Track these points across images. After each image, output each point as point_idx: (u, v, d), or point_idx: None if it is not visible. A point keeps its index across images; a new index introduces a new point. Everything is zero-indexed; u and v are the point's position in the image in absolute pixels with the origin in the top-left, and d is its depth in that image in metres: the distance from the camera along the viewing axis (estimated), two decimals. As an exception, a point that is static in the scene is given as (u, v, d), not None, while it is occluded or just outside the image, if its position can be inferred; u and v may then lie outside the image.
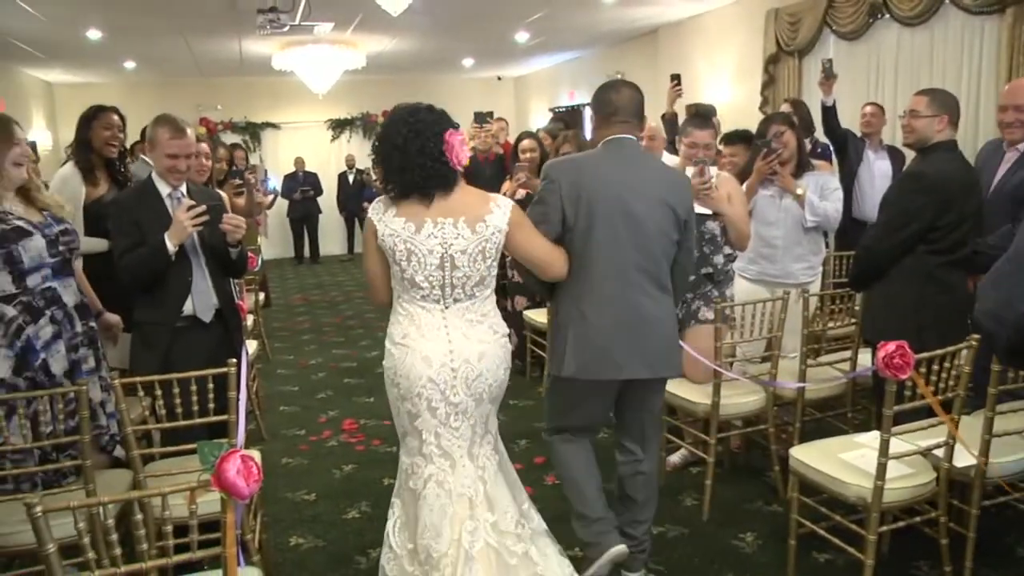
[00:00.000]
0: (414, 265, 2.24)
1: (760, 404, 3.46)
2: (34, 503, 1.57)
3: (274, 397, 5.36)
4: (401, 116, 2.28)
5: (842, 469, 2.66)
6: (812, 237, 3.86)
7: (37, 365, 2.64)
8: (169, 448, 2.65)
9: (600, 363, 2.47)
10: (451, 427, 2.28)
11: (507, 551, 2.26)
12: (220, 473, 1.69)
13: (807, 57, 6.99)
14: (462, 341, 2.26)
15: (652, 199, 2.50)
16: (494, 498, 2.31)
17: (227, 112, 12.73)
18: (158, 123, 3.04)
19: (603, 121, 2.58)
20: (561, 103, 12.09)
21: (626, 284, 2.48)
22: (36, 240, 2.65)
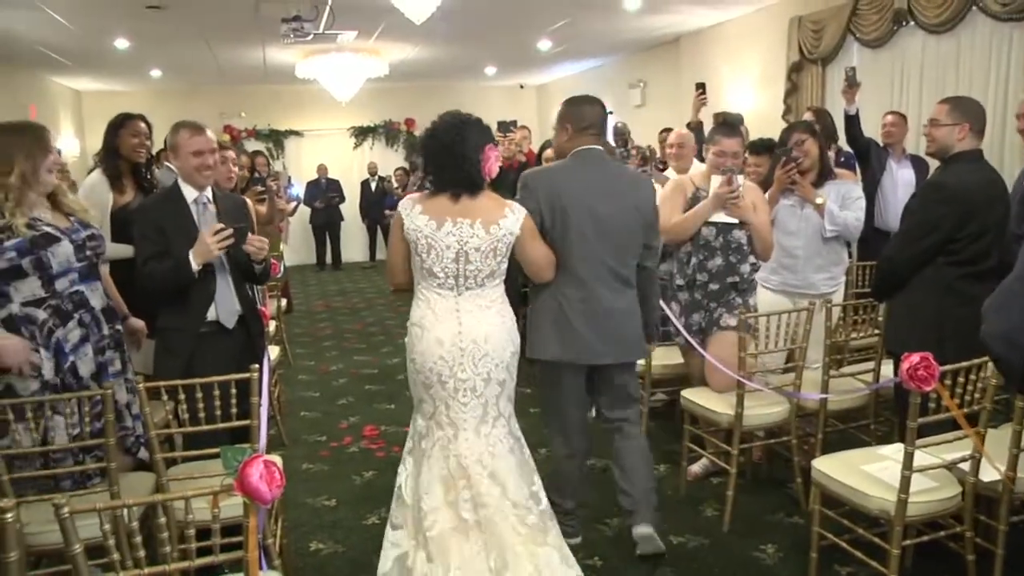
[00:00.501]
0: (433, 257, 2.56)
1: (783, 415, 3.43)
2: (62, 504, 1.60)
3: (295, 403, 5.39)
4: (455, 121, 2.60)
5: (865, 481, 2.64)
6: (833, 247, 3.83)
7: (66, 367, 2.69)
8: (192, 452, 2.69)
9: (574, 348, 2.85)
10: (459, 401, 2.56)
11: (522, 520, 2.48)
12: (243, 478, 1.71)
13: (831, 65, 6.95)
14: (472, 324, 2.56)
15: (619, 203, 2.85)
16: (503, 474, 2.52)
17: (251, 119, 12.88)
18: (176, 128, 3.08)
19: (577, 133, 2.91)
20: (583, 111, 12.09)
21: (596, 279, 2.84)
22: (64, 245, 2.70)
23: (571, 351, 2.86)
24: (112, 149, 3.73)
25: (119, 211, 3.65)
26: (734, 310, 3.46)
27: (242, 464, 1.72)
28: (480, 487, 2.48)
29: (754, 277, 3.59)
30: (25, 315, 2.63)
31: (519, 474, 2.57)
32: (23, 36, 7.63)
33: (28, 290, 2.64)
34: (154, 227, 3.00)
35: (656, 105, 9.93)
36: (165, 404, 2.63)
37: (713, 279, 3.55)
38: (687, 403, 3.61)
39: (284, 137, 13.15)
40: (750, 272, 3.54)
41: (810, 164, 3.82)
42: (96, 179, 3.74)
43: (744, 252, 3.50)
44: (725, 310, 3.53)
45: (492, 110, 12.97)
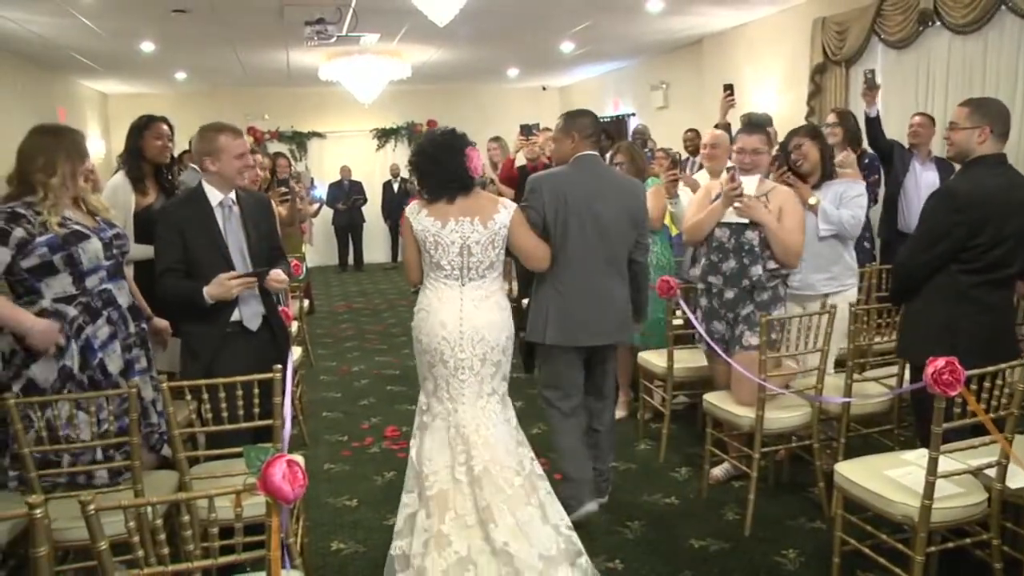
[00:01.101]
0: (440, 252, 2.91)
1: (805, 419, 3.41)
2: (88, 501, 1.63)
3: (317, 403, 5.43)
4: (435, 136, 2.98)
5: (888, 487, 2.61)
6: (832, 247, 3.76)
7: (95, 364, 2.74)
8: (214, 451, 2.72)
9: (574, 332, 3.23)
10: (459, 378, 2.90)
11: (508, 479, 2.79)
12: (266, 477, 1.72)
13: (855, 66, 6.88)
14: (472, 311, 2.91)
15: (613, 204, 3.24)
16: (494, 441, 2.86)
17: (274, 121, 12.99)
18: (218, 131, 3.06)
19: (581, 141, 3.31)
20: (606, 113, 12.06)
21: (593, 271, 3.22)
22: (93, 243, 2.75)
23: (570, 335, 3.24)
24: (135, 151, 3.77)
25: (142, 212, 3.70)
26: (755, 327, 3.39)
27: (265, 464, 1.74)
28: (474, 451, 2.82)
29: (776, 284, 3.50)
30: (56, 311, 2.68)
31: (509, 443, 2.91)
32: (53, 40, 7.77)
33: (59, 286, 2.70)
34: (175, 230, 2.99)
35: (679, 107, 9.89)
36: (188, 403, 2.66)
37: (727, 283, 3.52)
38: (709, 407, 3.60)
39: (307, 139, 13.24)
40: (767, 277, 3.46)
41: (810, 167, 3.80)
42: (119, 181, 3.77)
43: (756, 254, 3.45)
44: (746, 327, 3.47)
45: (514, 112, 13.08)
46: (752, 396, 3.33)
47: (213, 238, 3.02)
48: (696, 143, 7.03)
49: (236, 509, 1.83)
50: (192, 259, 2.99)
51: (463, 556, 2.67)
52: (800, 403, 3.42)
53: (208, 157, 3.05)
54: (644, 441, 4.44)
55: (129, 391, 2.52)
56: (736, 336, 3.51)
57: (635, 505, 3.66)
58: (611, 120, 11.61)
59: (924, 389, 2.39)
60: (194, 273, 2.98)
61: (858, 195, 3.78)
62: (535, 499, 2.83)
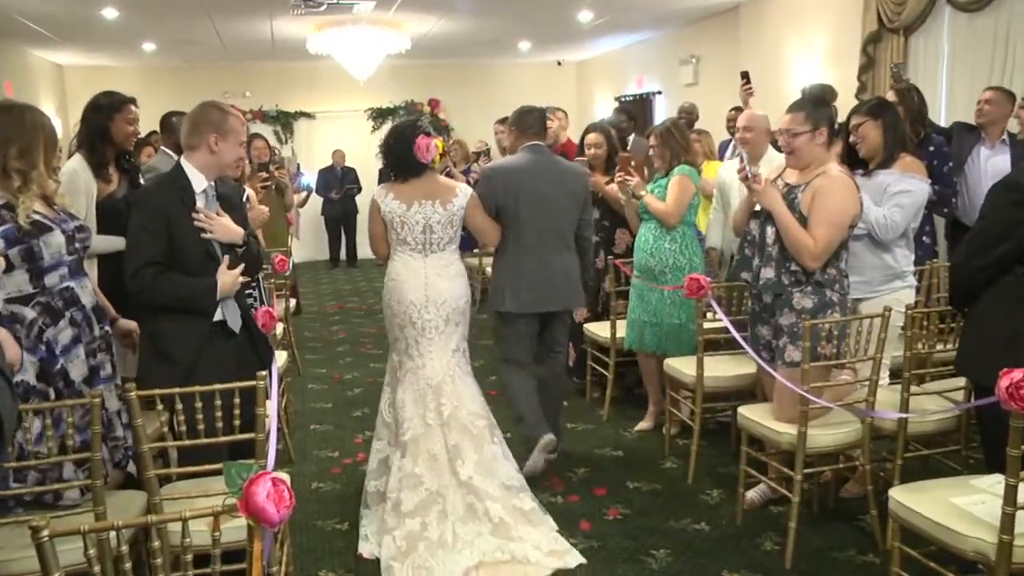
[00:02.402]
0: (406, 231, 3.73)
1: (854, 436, 3.37)
2: (41, 526, 1.59)
3: (305, 414, 5.42)
4: (395, 127, 3.87)
5: (955, 517, 2.55)
6: (867, 248, 3.70)
7: (55, 371, 2.71)
8: (189, 468, 2.70)
9: (528, 300, 4.04)
10: (426, 337, 3.73)
11: (472, 423, 3.67)
12: (248, 497, 1.71)
13: (916, 35, 6.75)
14: (435, 279, 3.74)
15: (557, 186, 4.07)
16: (460, 392, 3.72)
17: (257, 100, 12.99)
18: (228, 111, 3.08)
19: (522, 133, 4.18)
20: (628, 91, 12.05)
21: (542, 245, 4.04)
22: (56, 236, 2.73)
23: (528, 303, 4.05)
24: (101, 133, 3.71)
25: (105, 201, 3.66)
26: (798, 340, 3.33)
27: (247, 482, 1.72)
28: (443, 399, 3.66)
29: (824, 292, 3.37)
30: (11, 313, 2.65)
31: (472, 392, 3.78)
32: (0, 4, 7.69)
33: (13, 285, 2.65)
34: (160, 218, 2.94)
35: (710, 84, 9.85)
36: (160, 414, 2.64)
37: (754, 282, 3.51)
38: (744, 421, 3.57)
39: (294, 119, 13.28)
40: (784, 282, 3.38)
41: (869, 150, 3.74)
42: (78, 165, 3.67)
43: (769, 255, 3.42)
44: (789, 340, 3.42)
45: (527, 90, 13.04)
46: (793, 413, 3.29)
47: (200, 228, 3.00)
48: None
49: (213, 533, 1.81)
50: (177, 252, 2.95)
51: (433, 491, 3.53)
52: (849, 419, 3.38)
53: (214, 134, 3.03)
54: (671, 459, 4.41)
55: (91, 401, 2.49)
56: (780, 348, 3.47)
57: (660, 531, 3.64)
58: (634, 99, 11.58)
59: (996, 405, 2.34)
60: (175, 269, 2.94)
61: (904, 191, 3.67)
62: (497, 438, 3.74)
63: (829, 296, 3.39)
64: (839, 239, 3.34)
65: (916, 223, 3.85)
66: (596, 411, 5.19)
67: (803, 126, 3.41)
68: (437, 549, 3.36)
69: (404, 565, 3.29)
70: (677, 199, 4.46)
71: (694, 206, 4.59)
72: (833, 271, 3.41)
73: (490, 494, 3.52)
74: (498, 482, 3.58)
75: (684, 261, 4.53)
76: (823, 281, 3.38)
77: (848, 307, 3.48)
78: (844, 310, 3.42)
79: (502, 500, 3.53)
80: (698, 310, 4.07)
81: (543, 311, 4.09)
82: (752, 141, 4.48)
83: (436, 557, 3.32)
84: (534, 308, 4.06)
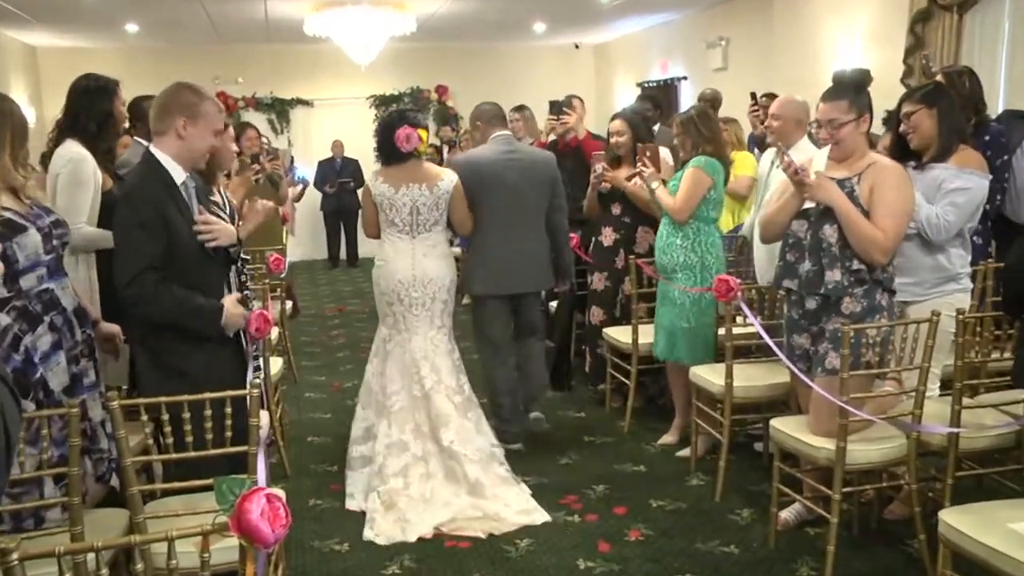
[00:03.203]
0: (394, 212, 4.33)
1: (899, 452, 3.34)
2: (10, 548, 1.57)
3: (301, 425, 5.43)
4: (386, 117, 4.49)
5: (1014, 543, 2.51)
6: (919, 246, 3.66)
7: (35, 380, 2.71)
8: (176, 484, 2.70)
9: (498, 283, 4.66)
10: (413, 313, 4.35)
11: (450, 397, 4.30)
12: (241, 515, 1.70)
13: (971, 12, 6.64)
14: (421, 259, 4.35)
15: (523, 174, 4.63)
16: (441, 367, 4.34)
17: (249, 86, 13.00)
18: (201, 94, 3.02)
19: (488, 125, 4.79)
20: (651, 77, 12.03)
21: (510, 230, 4.61)
22: (31, 235, 2.72)
23: (496, 285, 4.65)
24: (106, 119, 3.69)
25: (106, 195, 3.65)
26: (839, 346, 3.28)
27: (240, 498, 1.72)
28: (424, 371, 4.29)
29: (874, 295, 3.36)
30: None
31: (452, 368, 4.39)
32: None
33: None
34: (157, 212, 2.89)
35: (741, 69, 9.81)
36: (145, 425, 2.64)
37: (805, 289, 3.46)
38: (778, 434, 3.55)
39: (290, 107, 13.30)
40: (847, 282, 3.36)
41: (921, 142, 3.70)
42: (84, 153, 3.62)
43: (834, 255, 3.38)
44: (831, 346, 3.39)
45: (541, 75, 13.10)
46: (830, 424, 3.26)
47: (191, 228, 2.97)
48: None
49: (202, 555, 1.80)
50: (174, 252, 2.91)
51: (418, 456, 4.17)
52: (893, 433, 3.36)
53: (183, 118, 2.96)
54: (697, 475, 4.40)
55: (70, 411, 2.48)
56: (820, 355, 3.44)
57: (686, 554, 3.62)
58: (658, 86, 11.56)
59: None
60: (170, 272, 2.91)
61: (960, 188, 3.61)
62: (472, 415, 4.34)
63: (879, 300, 3.38)
64: (904, 231, 3.37)
65: (973, 223, 3.77)
66: (616, 423, 5.18)
67: (847, 114, 3.39)
68: (418, 504, 4.00)
69: (386, 517, 3.92)
70: (686, 193, 4.44)
71: (712, 201, 4.52)
72: (891, 268, 3.41)
73: (469, 458, 4.18)
74: (473, 448, 4.23)
75: (695, 260, 4.50)
76: (883, 280, 3.38)
77: (895, 311, 3.45)
78: (892, 314, 3.39)
79: (480, 463, 4.18)
80: (728, 313, 4.05)
81: (511, 293, 4.71)
82: (780, 131, 4.40)
83: (415, 511, 3.94)
84: (503, 290, 4.67)
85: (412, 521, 3.87)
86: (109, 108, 3.70)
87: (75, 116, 3.67)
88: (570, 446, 4.86)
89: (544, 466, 4.57)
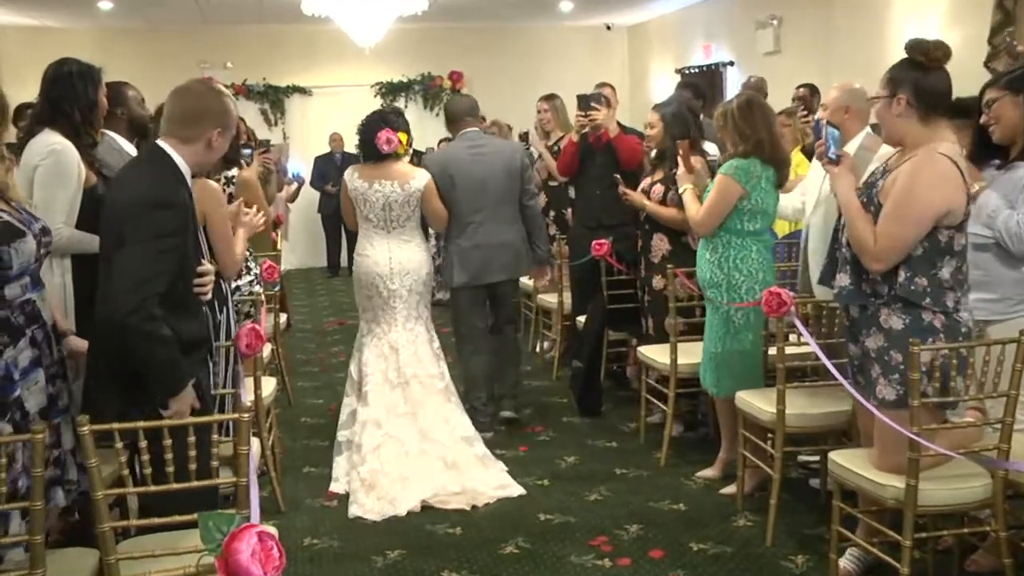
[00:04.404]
0: (368, 208, 5.11)
1: (983, 493, 3.30)
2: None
3: (296, 454, 5.45)
4: (369, 117, 5.21)
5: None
6: (995, 258, 3.63)
7: (12, 399, 2.73)
8: (154, 520, 2.69)
9: (475, 273, 5.46)
10: (391, 305, 5.11)
11: (431, 384, 5.07)
12: (230, 555, 1.71)
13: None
14: (397, 252, 5.11)
15: (491, 166, 5.45)
16: (422, 355, 5.11)
17: (240, 72, 13.07)
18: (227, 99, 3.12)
19: (459, 122, 5.66)
20: (692, 62, 12.03)
21: (482, 221, 5.42)
22: (28, 242, 2.77)
23: (471, 276, 5.45)
24: (91, 108, 3.73)
25: (89, 192, 3.68)
26: (892, 374, 3.27)
27: (228, 537, 1.72)
28: (402, 360, 5.05)
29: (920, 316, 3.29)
30: None
31: (431, 357, 5.15)
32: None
33: None
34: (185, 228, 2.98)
35: (795, 52, 9.80)
36: (119, 454, 2.63)
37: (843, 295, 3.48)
38: (837, 469, 3.51)
39: (286, 96, 13.41)
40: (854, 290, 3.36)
41: (1005, 134, 3.66)
42: (67, 144, 3.64)
43: (844, 256, 3.41)
44: (881, 372, 3.35)
45: (569, 60, 13.13)
46: (897, 460, 3.23)
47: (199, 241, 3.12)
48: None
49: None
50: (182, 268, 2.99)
51: (392, 436, 4.86)
52: (975, 470, 3.32)
53: (217, 128, 3.05)
54: (744, 515, 4.37)
55: (33, 436, 2.47)
56: (872, 380, 3.41)
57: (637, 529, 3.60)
58: (700, 72, 11.55)
59: None
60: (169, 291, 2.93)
61: None
62: (453, 398, 5.15)
63: (926, 319, 3.29)
64: (913, 238, 3.24)
65: None
66: (651, 454, 5.16)
67: (882, 91, 3.38)
68: (396, 483, 4.62)
69: (369, 496, 4.58)
70: (708, 204, 4.44)
71: (745, 211, 4.44)
72: (923, 282, 3.27)
73: (444, 443, 4.88)
74: (452, 433, 4.95)
75: (720, 277, 4.49)
76: (908, 295, 3.28)
77: (965, 331, 3.38)
78: (954, 335, 3.33)
79: (455, 447, 4.88)
80: (779, 332, 4.02)
81: (487, 282, 5.50)
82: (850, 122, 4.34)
83: (396, 490, 4.58)
84: (476, 280, 5.48)
85: (399, 498, 4.54)
86: (95, 97, 3.74)
87: (55, 103, 3.68)
88: (600, 480, 4.85)
89: (570, 502, 4.55)
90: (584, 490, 4.72)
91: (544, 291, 7.19)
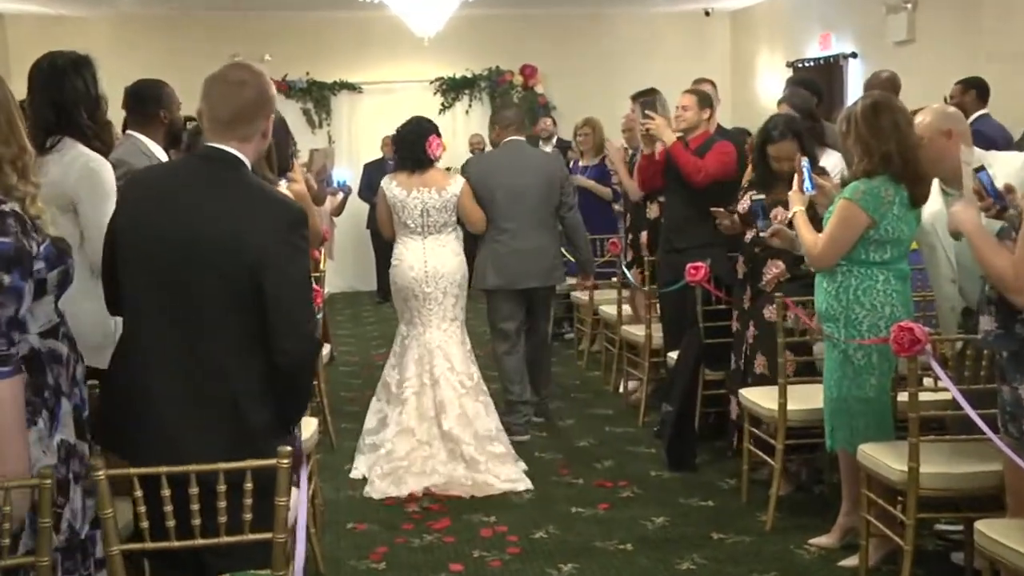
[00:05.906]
0: (406, 214, 6.02)
1: None
2: None
3: (339, 506, 5.47)
4: (412, 123, 6.11)
5: None
6: None
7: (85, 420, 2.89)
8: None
9: (510, 277, 6.46)
10: (427, 307, 5.99)
11: (460, 383, 5.94)
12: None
13: None
14: (433, 258, 6.01)
15: (532, 176, 6.49)
16: (453, 355, 6.00)
17: (280, 66, 12.98)
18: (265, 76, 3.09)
19: (504, 130, 6.70)
20: (807, 54, 11.93)
21: (518, 228, 6.41)
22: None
23: (505, 280, 6.47)
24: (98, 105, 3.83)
25: None
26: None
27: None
28: (436, 361, 5.94)
29: None
30: (49, 350, 2.76)
31: (463, 356, 6.06)
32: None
33: (44, 315, 2.74)
34: None
35: (933, 41, 9.66)
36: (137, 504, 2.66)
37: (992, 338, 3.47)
38: (985, 541, 3.45)
39: (332, 93, 13.56)
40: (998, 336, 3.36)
41: None
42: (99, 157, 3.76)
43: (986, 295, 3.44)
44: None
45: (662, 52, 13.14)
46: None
47: None
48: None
49: None
50: None
51: (423, 441, 5.79)
52: None
53: (270, 115, 3.09)
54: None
55: (41, 483, 2.50)
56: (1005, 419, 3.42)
57: None
58: (816, 65, 11.46)
59: None
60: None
61: None
62: (482, 397, 6.01)
63: None
64: None
65: None
66: (755, 516, 5.11)
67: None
68: (417, 474, 5.66)
69: (383, 480, 5.63)
70: (828, 234, 4.37)
71: (872, 241, 4.34)
72: None
73: (466, 440, 5.77)
74: (474, 431, 5.82)
75: (838, 310, 4.42)
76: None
77: None
78: None
79: (475, 444, 5.77)
80: (911, 374, 3.95)
81: (521, 288, 6.51)
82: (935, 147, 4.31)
83: (409, 476, 5.64)
84: (512, 285, 6.48)
85: (407, 482, 5.61)
86: (97, 92, 3.82)
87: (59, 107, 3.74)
88: (693, 546, 4.82)
89: (658, 572, 4.53)
90: (675, 557, 4.68)
91: (629, 322, 7.19)
